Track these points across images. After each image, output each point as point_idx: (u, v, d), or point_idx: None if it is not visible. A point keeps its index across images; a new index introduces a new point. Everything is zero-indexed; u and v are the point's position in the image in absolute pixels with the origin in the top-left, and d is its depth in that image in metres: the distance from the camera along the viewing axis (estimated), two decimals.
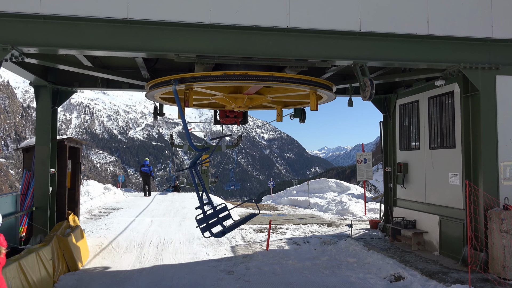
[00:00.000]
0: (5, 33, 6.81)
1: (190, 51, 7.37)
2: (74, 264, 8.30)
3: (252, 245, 10.77)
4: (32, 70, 8.95)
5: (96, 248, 10.13)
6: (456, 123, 8.81)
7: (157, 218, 14.08)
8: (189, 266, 8.86)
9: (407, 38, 7.95)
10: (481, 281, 7.10)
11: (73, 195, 11.31)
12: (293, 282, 7.61)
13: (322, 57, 7.81)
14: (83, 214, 15.05)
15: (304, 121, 11.50)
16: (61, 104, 10.42)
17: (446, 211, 9.10)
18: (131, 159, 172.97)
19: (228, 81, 7.49)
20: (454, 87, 8.84)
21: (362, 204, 17.40)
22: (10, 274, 5.54)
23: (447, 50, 8.10)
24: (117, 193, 21.24)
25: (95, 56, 9.32)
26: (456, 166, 8.72)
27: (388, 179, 11.95)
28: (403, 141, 11.19)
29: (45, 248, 7.04)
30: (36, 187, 9.55)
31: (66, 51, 7.32)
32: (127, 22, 7.07)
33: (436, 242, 9.36)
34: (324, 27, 7.65)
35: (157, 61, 9.70)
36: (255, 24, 7.41)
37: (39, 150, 9.59)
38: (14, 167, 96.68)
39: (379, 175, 44.04)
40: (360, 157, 16.70)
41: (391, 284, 7.46)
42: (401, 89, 11.16)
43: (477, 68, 8.03)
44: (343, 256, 9.44)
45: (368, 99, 7.72)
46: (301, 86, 8.00)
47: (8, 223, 8.04)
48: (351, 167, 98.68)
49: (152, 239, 11.05)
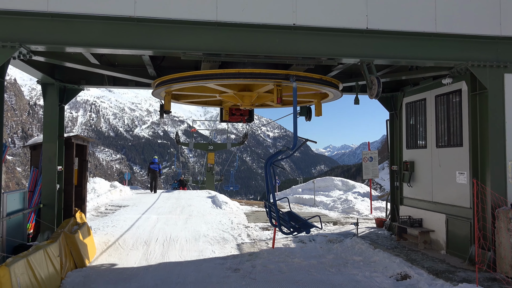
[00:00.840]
0: (13, 31, 6.85)
1: (197, 49, 7.37)
2: (81, 260, 8.35)
3: (258, 243, 10.78)
4: (39, 68, 9.01)
5: (103, 245, 10.19)
6: (463, 122, 8.75)
7: (163, 216, 14.14)
8: (195, 263, 8.89)
9: (415, 36, 7.89)
10: (489, 280, 7.06)
11: (80, 192, 11.38)
12: (299, 280, 7.61)
13: (329, 55, 7.78)
14: (90, 211, 15.13)
15: (310, 119, 11.47)
16: (68, 101, 10.48)
17: (453, 209, 9.05)
18: (136, 156, 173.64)
19: (239, 79, 7.54)
20: (462, 85, 8.78)
21: (368, 203, 17.35)
22: (18, 271, 5.59)
23: (454, 48, 8.05)
24: (123, 190, 21.35)
25: (102, 54, 9.36)
26: (464, 164, 8.67)
27: (394, 177, 11.91)
28: (410, 139, 11.14)
29: (53, 245, 7.09)
30: (44, 184, 9.63)
31: (73, 48, 7.35)
32: (134, 20, 7.09)
33: (443, 241, 9.32)
34: (331, 25, 7.62)
35: (163, 59, 9.72)
36: (261, 22, 7.40)
37: (46, 147, 9.66)
38: (21, 164, 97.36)
39: (385, 174, 43.91)
40: (366, 156, 16.63)
41: (397, 283, 7.44)
42: (408, 87, 11.11)
43: (485, 66, 7.96)
44: (349, 254, 9.43)
45: (375, 97, 7.69)
46: (308, 84, 8.00)
47: (16, 220, 8.11)
48: (357, 165, 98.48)
49: (158, 236, 11.09)
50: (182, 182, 30.27)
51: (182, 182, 30.27)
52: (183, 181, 30.26)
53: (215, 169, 30.55)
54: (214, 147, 28.80)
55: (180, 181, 30.48)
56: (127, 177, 30.85)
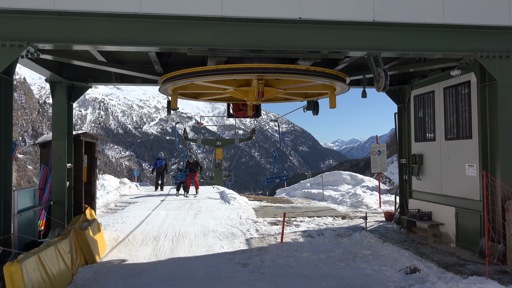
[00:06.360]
0: (21, 30, 6.89)
1: (203, 44, 7.36)
2: (92, 257, 8.44)
3: (267, 237, 10.80)
4: (47, 66, 9.08)
5: (113, 241, 10.28)
6: (472, 113, 8.66)
7: (172, 212, 14.21)
8: (204, 258, 8.93)
9: (422, 27, 7.80)
10: (499, 273, 7.01)
11: (90, 189, 11.47)
12: (307, 275, 7.62)
13: (336, 48, 7.72)
14: (100, 208, 15.27)
15: (318, 113, 11.45)
16: (76, 99, 10.56)
17: (462, 202, 8.98)
18: (145, 153, 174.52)
19: (245, 74, 7.58)
20: (471, 77, 8.68)
21: (377, 196, 17.29)
22: (30, 267, 5.66)
23: (463, 39, 7.94)
24: (132, 187, 21.47)
25: (109, 52, 9.40)
26: (473, 157, 8.59)
27: (403, 171, 11.84)
28: (418, 132, 11.06)
29: (64, 241, 7.17)
30: (54, 181, 9.73)
31: (80, 46, 7.39)
32: (140, 16, 7.10)
33: (453, 234, 9.26)
34: (337, 18, 7.56)
35: (170, 55, 9.74)
36: (267, 16, 7.36)
37: (55, 145, 9.75)
38: (32, 162, 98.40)
39: (394, 167, 43.72)
40: (374, 149, 16.55)
41: (407, 276, 7.42)
42: (416, 80, 11.00)
43: (494, 57, 7.85)
44: (358, 248, 9.41)
45: (383, 90, 7.64)
46: (315, 78, 7.98)
47: (27, 217, 8.20)
48: (365, 159, 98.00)
49: (168, 232, 11.16)
50: (192, 164, 19.04)
51: (192, 164, 19.04)
52: (192, 164, 19.09)
53: (224, 164, 30.47)
54: (222, 143, 28.78)
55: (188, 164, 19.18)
56: (136, 174, 31.01)
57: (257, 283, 7.20)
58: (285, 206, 16.78)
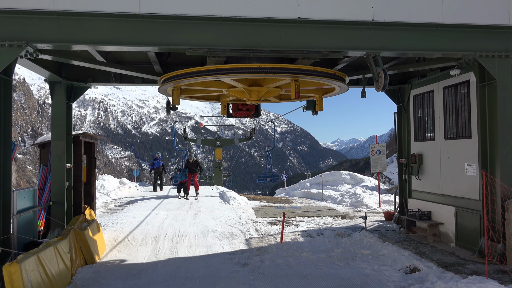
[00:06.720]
0: (20, 30, 6.88)
1: (202, 44, 7.36)
2: (91, 257, 8.44)
3: (266, 237, 10.80)
4: (46, 67, 9.07)
5: (113, 241, 10.27)
6: (472, 113, 8.66)
7: (172, 212, 14.20)
8: (204, 258, 8.93)
9: (421, 27, 7.80)
10: (499, 273, 7.01)
11: (89, 189, 11.46)
12: (307, 274, 7.62)
13: (335, 48, 7.72)
14: (99, 208, 15.26)
15: (317, 113, 11.43)
16: (75, 99, 10.55)
17: (462, 202, 8.99)
18: (145, 153, 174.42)
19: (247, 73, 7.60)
20: (470, 76, 8.68)
21: (376, 196, 17.29)
22: (29, 267, 5.65)
23: (462, 38, 7.94)
24: (132, 187, 21.45)
25: (108, 52, 9.39)
26: (472, 156, 8.59)
27: (402, 170, 11.84)
28: (418, 132, 11.06)
29: (63, 242, 7.16)
30: (53, 181, 9.72)
31: (79, 46, 7.38)
32: (139, 16, 7.10)
33: (452, 233, 9.26)
34: (337, 18, 7.56)
35: (169, 55, 9.73)
36: (266, 16, 7.36)
37: (55, 145, 9.75)
38: (31, 162, 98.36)
39: (393, 167, 43.69)
40: (374, 149, 16.54)
41: (406, 276, 7.42)
42: (415, 79, 11.01)
43: (493, 56, 7.85)
44: (358, 248, 9.41)
45: (382, 89, 7.64)
46: (315, 78, 7.97)
47: (27, 217, 8.19)
48: (365, 159, 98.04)
49: (167, 232, 11.15)
50: (191, 164, 18.12)
51: (191, 164, 18.12)
52: (191, 164, 18.17)
53: (223, 164, 30.40)
54: (222, 143, 28.74)
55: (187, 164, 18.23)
56: (136, 174, 30.95)
57: (257, 283, 7.19)
58: (284, 206, 16.78)
